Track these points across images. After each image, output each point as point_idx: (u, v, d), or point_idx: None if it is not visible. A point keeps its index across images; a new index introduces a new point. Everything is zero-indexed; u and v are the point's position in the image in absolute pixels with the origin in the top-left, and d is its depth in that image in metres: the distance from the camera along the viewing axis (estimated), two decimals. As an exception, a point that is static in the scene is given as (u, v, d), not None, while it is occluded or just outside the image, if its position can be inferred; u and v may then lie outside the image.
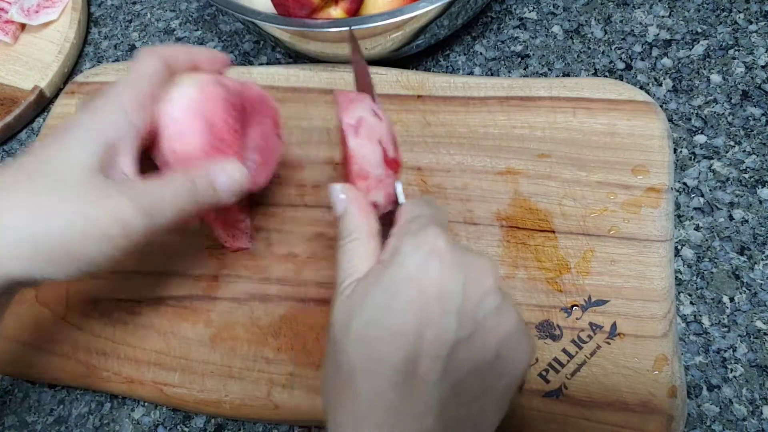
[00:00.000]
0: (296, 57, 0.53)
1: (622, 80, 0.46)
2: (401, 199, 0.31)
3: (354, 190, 0.30)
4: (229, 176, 0.32)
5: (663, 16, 0.49)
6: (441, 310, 0.24)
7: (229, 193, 0.32)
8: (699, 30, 0.48)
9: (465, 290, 0.25)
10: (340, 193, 0.29)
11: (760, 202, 0.41)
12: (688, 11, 0.49)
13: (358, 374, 0.25)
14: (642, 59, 0.48)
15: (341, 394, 0.25)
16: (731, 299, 0.39)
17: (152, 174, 0.30)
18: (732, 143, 0.43)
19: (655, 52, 0.48)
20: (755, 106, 0.44)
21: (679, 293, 0.40)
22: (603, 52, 0.49)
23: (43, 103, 0.56)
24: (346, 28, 0.41)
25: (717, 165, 0.43)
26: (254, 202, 0.44)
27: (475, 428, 0.26)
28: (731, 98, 0.45)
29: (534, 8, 0.52)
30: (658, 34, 0.48)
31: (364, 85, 0.34)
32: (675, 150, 0.44)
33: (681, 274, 0.40)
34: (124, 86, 0.30)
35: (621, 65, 0.48)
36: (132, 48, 0.58)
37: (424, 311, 0.24)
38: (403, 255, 0.25)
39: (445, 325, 0.24)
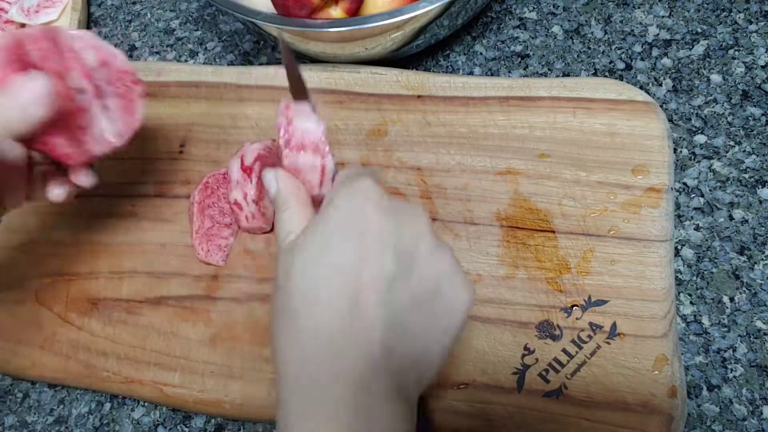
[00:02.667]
0: (296, 57, 0.53)
1: (622, 80, 0.46)
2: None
3: (283, 171, 0.31)
4: (32, 88, 0.31)
5: (663, 16, 0.49)
6: (378, 247, 0.26)
7: (37, 106, 0.31)
8: (699, 30, 0.48)
9: (400, 230, 0.26)
10: (271, 175, 0.31)
11: (760, 202, 0.41)
12: (688, 11, 0.49)
13: (301, 312, 0.25)
14: (642, 59, 0.48)
15: (285, 335, 0.26)
16: (731, 299, 0.39)
17: None
18: (732, 143, 0.43)
19: (655, 52, 0.48)
20: (755, 106, 0.44)
21: (679, 293, 0.40)
22: (603, 52, 0.49)
23: (43, 103, 0.55)
24: (346, 28, 0.41)
25: (717, 165, 0.43)
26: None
27: (416, 365, 0.26)
28: (731, 98, 0.45)
29: (534, 8, 0.52)
30: (658, 34, 0.48)
31: (299, 92, 0.34)
32: (675, 150, 0.44)
33: (681, 274, 0.40)
34: None
35: (621, 65, 0.48)
36: (132, 48, 0.58)
37: (362, 248, 0.26)
38: (339, 200, 0.27)
39: (383, 261, 0.25)
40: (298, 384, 0.25)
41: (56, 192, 0.36)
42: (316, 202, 0.32)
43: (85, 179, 0.37)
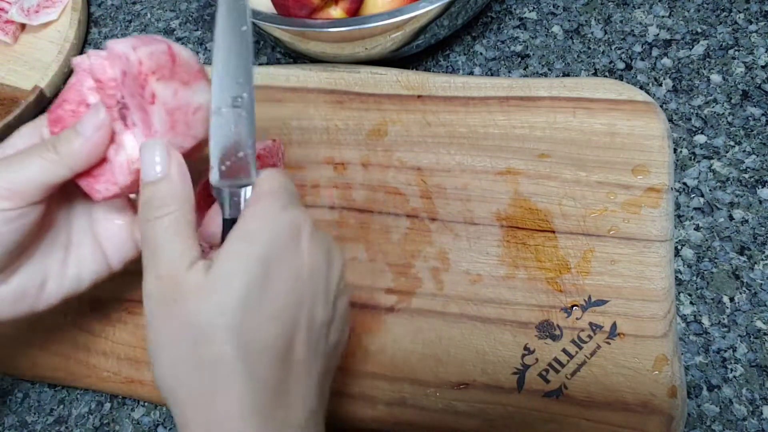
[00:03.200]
0: (296, 57, 0.53)
1: (622, 80, 0.46)
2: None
3: (174, 150, 0.26)
4: (90, 115, 0.27)
5: (663, 16, 0.49)
6: (311, 292, 0.25)
7: (92, 129, 0.27)
8: (699, 30, 0.48)
9: (329, 272, 0.26)
10: (157, 149, 0.25)
11: (760, 202, 0.41)
12: (688, 11, 0.49)
13: (234, 364, 0.22)
14: (642, 59, 0.48)
15: (208, 388, 0.23)
16: (731, 299, 0.39)
17: None
18: (732, 143, 0.43)
19: (655, 52, 0.48)
20: (755, 106, 0.44)
21: (679, 293, 0.40)
22: (603, 52, 0.49)
23: (43, 103, 0.56)
24: (346, 28, 0.41)
25: (717, 165, 0.43)
26: None
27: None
28: (731, 98, 0.45)
29: (534, 8, 0.52)
30: (658, 34, 0.48)
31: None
32: (675, 150, 0.44)
33: (681, 274, 0.40)
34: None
35: (621, 65, 0.48)
36: (132, 48, 0.58)
37: (298, 293, 0.24)
38: (272, 232, 0.24)
39: (316, 305, 0.25)
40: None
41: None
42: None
43: None
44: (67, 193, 0.31)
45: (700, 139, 0.44)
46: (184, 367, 0.23)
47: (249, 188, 0.27)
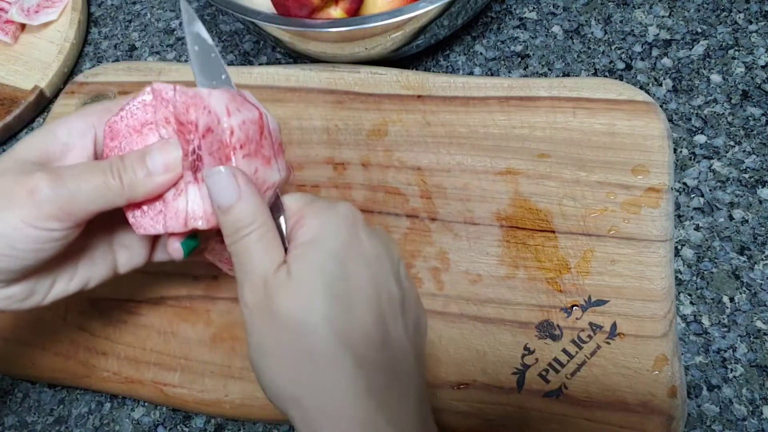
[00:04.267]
0: (296, 57, 0.53)
1: (622, 80, 0.46)
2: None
3: (243, 172, 0.26)
4: (162, 151, 0.26)
5: (663, 16, 0.49)
6: (383, 272, 0.26)
7: (162, 168, 0.26)
8: (699, 30, 0.48)
9: (389, 253, 0.27)
10: (229, 176, 0.25)
11: (760, 202, 0.41)
12: (688, 11, 0.49)
13: (338, 349, 0.23)
14: (642, 59, 0.48)
15: (319, 378, 0.24)
16: (731, 299, 0.39)
17: None
18: (732, 143, 0.43)
19: (655, 52, 0.48)
20: (755, 106, 0.44)
21: (679, 293, 0.40)
22: (603, 52, 0.49)
23: (43, 103, 0.56)
24: (346, 28, 0.41)
25: (717, 165, 0.43)
26: None
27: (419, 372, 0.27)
28: (731, 98, 0.45)
29: (534, 8, 0.52)
30: (658, 34, 0.48)
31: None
32: (675, 150, 0.44)
33: (681, 274, 0.40)
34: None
35: (621, 65, 0.48)
36: (132, 48, 0.58)
37: (373, 274, 0.25)
38: (329, 229, 0.25)
39: (390, 284, 0.26)
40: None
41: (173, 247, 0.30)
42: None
43: (170, 250, 0.29)
44: None
45: (700, 139, 0.44)
46: (293, 364, 0.24)
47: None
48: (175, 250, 0.29)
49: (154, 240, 0.33)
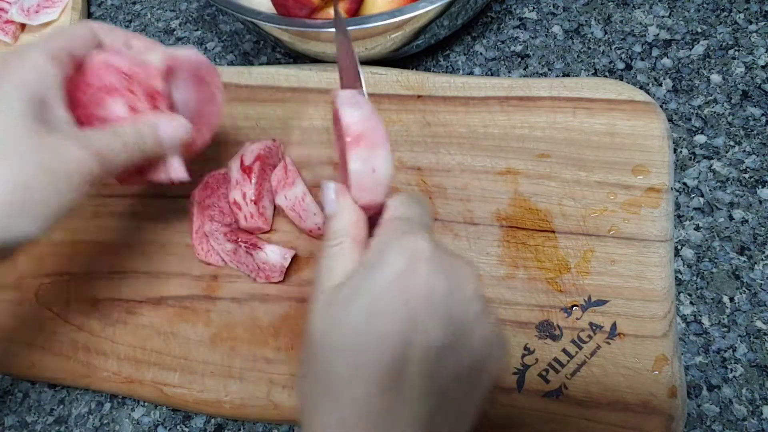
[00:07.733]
0: (296, 57, 0.53)
1: (622, 80, 0.46)
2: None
3: (346, 193, 0.28)
4: (174, 127, 0.34)
5: (663, 16, 0.49)
6: (428, 314, 0.24)
7: (171, 142, 0.34)
8: (699, 30, 0.48)
9: (451, 295, 0.25)
10: (332, 193, 0.29)
11: (760, 202, 0.41)
12: (688, 11, 0.49)
13: (342, 381, 0.24)
14: (642, 59, 0.48)
15: (321, 402, 0.24)
16: (731, 299, 0.39)
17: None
18: (732, 143, 0.43)
19: (655, 52, 0.48)
20: (755, 106, 0.44)
21: (679, 293, 0.40)
22: (603, 52, 0.49)
23: (43, 103, 0.55)
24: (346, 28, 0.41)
25: (717, 165, 0.43)
26: None
27: (453, 430, 0.25)
28: (731, 98, 0.45)
29: (534, 8, 0.52)
30: (658, 34, 0.48)
31: (351, 79, 0.32)
32: (675, 150, 0.44)
33: (681, 274, 0.40)
34: (41, 41, 0.31)
35: (621, 65, 0.48)
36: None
37: (411, 315, 0.24)
38: (389, 258, 0.25)
39: (433, 330, 0.24)
40: None
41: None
42: (369, 209, 0.29)
43: (172, 172, 0.36)
44: None
45: (700, 139, 0.44)
46: (307, 370, 0.25)
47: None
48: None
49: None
